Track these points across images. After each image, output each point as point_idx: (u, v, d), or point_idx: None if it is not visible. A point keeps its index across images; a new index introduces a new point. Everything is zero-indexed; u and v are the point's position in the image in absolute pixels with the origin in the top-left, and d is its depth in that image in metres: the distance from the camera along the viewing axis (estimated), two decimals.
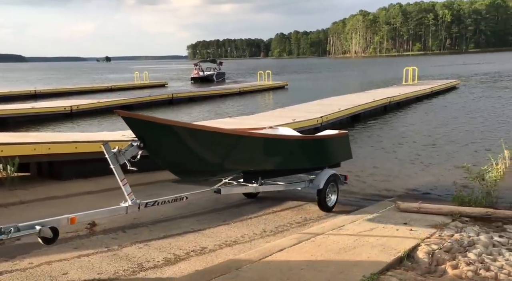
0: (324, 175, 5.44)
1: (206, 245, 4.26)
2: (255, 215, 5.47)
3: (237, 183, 5.20)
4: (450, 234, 4.40)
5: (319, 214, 5.64)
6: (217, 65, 44.69)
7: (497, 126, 12.22)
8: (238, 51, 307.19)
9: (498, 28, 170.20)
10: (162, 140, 3.79)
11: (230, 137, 4.41)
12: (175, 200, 4.23)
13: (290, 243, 3.98)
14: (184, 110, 19.84)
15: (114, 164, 3.70)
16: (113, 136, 8.19)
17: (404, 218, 5.04)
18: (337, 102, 15.57)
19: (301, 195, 6.74)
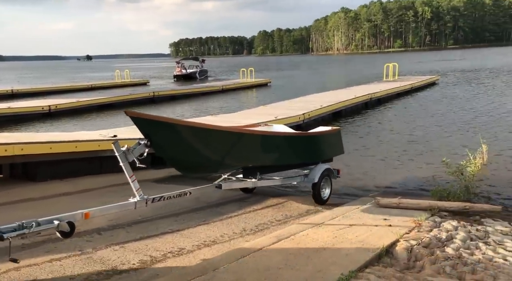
0: (318, 169, 5.66)
1: (184, 245, 4.18)
2: (235, 214, 5.40)
3: (236, 179, 5.36)
4: (428, 229, 4.41)
5: (300, 211, 5.61)
6: (200, 63, 44.58)
7: (475, 121, 12.41)
8: (221, 48, 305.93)
9: (476, 25, 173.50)
10: (167, 138, 3.97)
11: (231, 135, 4.61)
12: (179, 195, 4.42)
13: (269, 242, 3.93)
14: (166, 109, 19.60)
15: (124, 161, 3.89)
16: (90, 135, 8.01)
17: (384, 214, 5.05)
18: (319, 99, 15.60)
19: (281, 192, 6.72)
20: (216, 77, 44.06)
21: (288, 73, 49.99)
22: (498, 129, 11.13)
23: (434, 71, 33.96)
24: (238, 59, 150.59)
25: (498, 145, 9.21)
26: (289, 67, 67.56)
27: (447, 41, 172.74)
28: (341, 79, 34.78)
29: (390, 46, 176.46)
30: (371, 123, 13.17)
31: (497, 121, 12.25)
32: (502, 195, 6.15)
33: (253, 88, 29.16)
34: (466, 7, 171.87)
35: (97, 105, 19.25)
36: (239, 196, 6.32)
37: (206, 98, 23.49)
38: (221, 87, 27.27)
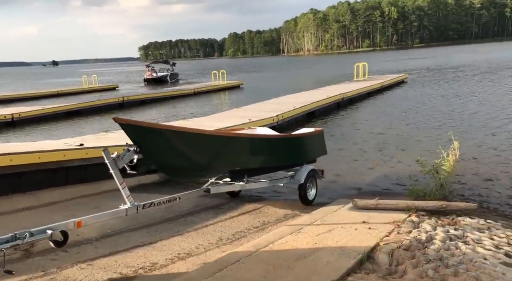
0: (304, 170, 5.74)
1: (156, 260, 3.94)
2: (210, 223, 5.20)
3: (224, 183, 5.41)
4: (408, 230, 4.35)
5: (277, 216, 5.46)
6: (170, 66, 44.01)
7: (445, 118, 12.64)
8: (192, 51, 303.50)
9: (440, 24, 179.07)
10: (156, 143, 4.00)
11: (220, 138, 4.67)
12: (169, 200, 4.48)
13: (247, 253, 3.75)
14: (136, 114, 19.09)
15: (114, 168, 3.89)
16: (55, 144, 7.61)
17: (362, 216, 4.96)
18: (292, 100, 15.57)
19: (258, 197, 6.56)
20: (187, 80, 43.57)
21: (260, 74, 50.01)
22: (466, 124, 11.37)
23: (402, 70, 34.70)
24: (209, 62, 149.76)
25: (468, 140, 9.37)
26: (261, 68, 67.63)
27: (413, 40, 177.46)
28: (313, 80, 35.00)
29: (359, 46, 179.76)
30: (344, 123, 13.21)
31: (465, 117, 12.52)
32: (476, 192, 6.21)
33: (225, 90, 28.94)
34: (430, 7, 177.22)
35: (64, 112, 18.56)
36: (214, 203, 6.11)
37: (177, 102, 23.09)
38: (193, 90, 26.91)
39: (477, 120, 11.92)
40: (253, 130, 6.60)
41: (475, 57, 48.42)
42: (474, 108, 13.94)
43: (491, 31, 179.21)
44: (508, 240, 4.32)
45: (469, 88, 19.91)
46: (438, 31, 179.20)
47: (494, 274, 3.39)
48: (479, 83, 21.50)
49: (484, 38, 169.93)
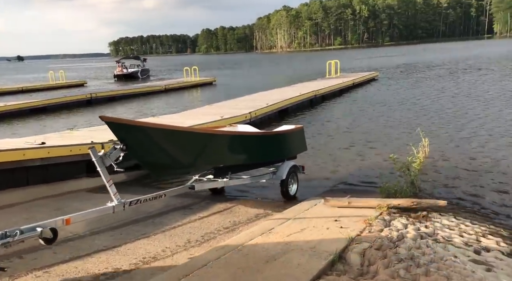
0: (285, 166, 5.90)
1: (120, 265, 3.74)
2: (179, 224, 5.01)
3: (207, 179, 5.44)
4: (379, 229, 4.31)
5: (248, 216, 5.34)
6: (141, 62, 43.33)
7: (415, 115, 12.84)
8: (164, 47, 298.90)
9: (409, 22, 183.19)
10: (142, 141, 4.06)
11: (204, 136, 4.77)
12: (155, 197, 4.57)
13: (215, 256, 3.60)
14: (104, 111, 18.52)
15: (101, 166, 3.93)
16: (15, 143, 7.21)
17: (334, 214, 4.90)
18: (265, 97, 15.48)
19: (229, 197, 6.41)
20: (158, 77, 42.82)
21: (234, 71, 49.73)
22: (435, 121, 11.56)
23: (373, 68, 35.23)
24: (181, 58, 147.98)
25: (437, 137, 9.51)
26: (234, 65, 67.30)
27: (384, 38, 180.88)
28: (285, 77, 35.05)
29: (331, 44, 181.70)
30: (317, 120, 13.21)
31: (434, 113, 12.75)
32: (445, 188, 6.27)
33: (197, 87, 28.56)
34: (400, 6, 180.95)
35: (28, 109, 17.81)
36: (185, 203, 5.93)
37: (148, 99, 22.59)
38: (164, 86, 26.40)
39: (444, 117, 12.15)
40: (235, 127, 6.70)
41: (442, 56, 49.77)
42: (441, 105, 14.23)
43: (458, 30, 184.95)
44: (477, 237, 4.36)
45: (437, 85, 20.37)
46: (407, 29, 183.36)
47: (464, 272, 3.37)
48: (446, 81, 22.04)
49: (451, 36, 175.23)
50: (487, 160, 7.66)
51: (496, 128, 10.27)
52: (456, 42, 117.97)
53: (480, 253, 3.94)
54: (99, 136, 8.30)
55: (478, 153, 8.16)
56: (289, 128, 6.47)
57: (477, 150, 8.40)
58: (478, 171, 7.00)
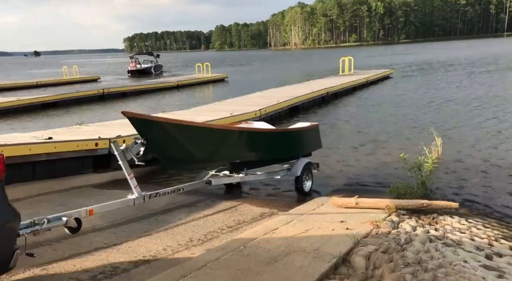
0: (300, 163, 5.93)
1: (119, 264, 3.68)
2: (182, 222, 4.94)
3: (223, 175, 5.59)
4: (387, 231, 4.16)
5: (253, 215, 5.23)
6: (154, 57, 43.50)
7: (429, 114, 12.57)
8: (178, 43, 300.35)
9: (426, 20, 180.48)
10: (162, 136, 4.21)
11: (221, 132, 4.88)
12: (173, 191, 4.82)
13: (215, 256, 3.51)
14: (116, 106, 18.60)
15: (122, 160, 4.15)
16: (22, 138, 7.23)
17: (341, 215, 4.77)
18: (276, 94, 15.34)
19: (235, 195, 6.32)
20: (171, 73, 42.96)
21: (246, 68, 49.62)
22: (450, 120, 11.28)
23: (388, 65, 34.75)
24: (195, 54, 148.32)
25: (451, 137, 9.28)
26: (247, 62, 67.19)
27: (400, 35, 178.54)
28: (298, 74, 34.82)
29: (346, 41, 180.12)
30: (328, 118, 13.03)
31: (449, 112, 12.46)
32: (457, 190, 6.08)
33: (209, 83, 28.52)
34: (417, 3, 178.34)
35: (40, 104, 17.98)
36: (189, 200, 5.85)
37: (160, 95, 22.63)
38: (176, 83, 26.43)
39: (459, 117, 11.86)
40: (250, 124, 6.76)
41: (459, 54, 48.83)
42: (457, 105, 13.91)
43: (476, 28, 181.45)
44: (489, 241, 4.18)
45: (452, 84, 19.95)
46: (424, 27, 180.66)
47: (474, 279, 3.21)
48: (462, 79, 21.57)
49: (469, 34, 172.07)
50: (501, 162, 7.42)
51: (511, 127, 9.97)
52: (474, 40, 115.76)
53: (492, 259, 3.77)
54: (107, 131, 8.28)
55: (492, 154, 7.92)
56: (305, 125, 6.50)
57: (491, 151, 8.15)
58: (491, 173, 6.77)
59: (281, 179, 7.04)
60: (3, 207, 2.64)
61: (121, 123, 10.34)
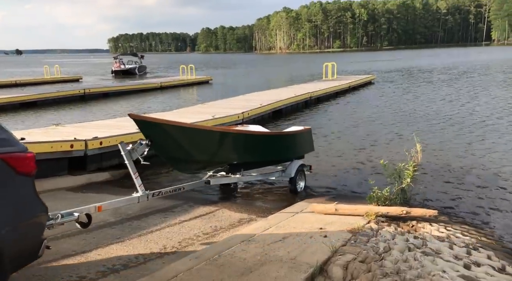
0: (294, 165, 6.21)
1: (86, 273, 3.49)
2: (157, 228, 4.77)
3: (221, 175, 5.87)
4: (366, 239, 4.09)
5: (231, 221, 5.11)
6: (139, 58, 43.26)
7: (409, 120, 12.65)
8: (163, 45, 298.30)
9: (408, 27, 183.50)
10: (167, 138, 4.45)
11: (221, 134, 5.12)
12: (175, 190, 5.05)
13: (188, 266, 3.37)
14: (96, 107, 18.25)
15: (129, 160, 4.40)
16: None
17: (320, 222, 4.69)
18: (260, 98, 15.26)
19: (213, 200, 6.19)
20: (155, 74, 42.56)
21: (231, 71, 49.51)
22: (430, 126, 11.37)
23: (370, 71, 35.10)
24: (180, 56, 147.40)
25: (430, 143, 9.32)
26: (232, 65, 67.09)
27: (382, 42, 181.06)
28: (282, 78, 34.88)
29: (330, 46, 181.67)
30: (311, 123, 12.95)
31: (429, 119, 12.57)
32: (437, 197, 6.07)
33: (193, 85, 28.29)
34: (399, 10, 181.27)
35: (19, 103, 17.51)
36: (165, 205, 5.70)
37: (142, 96, 22.31)
38: (159, 84, 26.13)
39: (439, 123, 11.97)
40: (246, 127, 7.07)
41: (439, 61, 49.72)
42: (437, 110, 14.05)
43: (456, 36, 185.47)
44: (468, 249, 4.14)
45: (432, 90, 20.22)
46: (406, 34, 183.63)
47: None
48: (441, 86, 21.89)
49: (450, 42, 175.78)
50: (480, 170, 7.46)
51: (489, 134, 10.09)
52: (454, 48, 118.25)
53: (470, 268, 3.72)
54: (84, 133, 8.05)
55: (472, 161, 7.97)
56: (298, 129, 6.81)
57: (470, 158, 8.21)
58: (469, 180, 6.79)
59: (261, 184, 6.95)
60: (35, 201, 2.83)
61: (99, 124, 10.11)
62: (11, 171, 2.66)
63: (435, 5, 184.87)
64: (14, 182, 2.67)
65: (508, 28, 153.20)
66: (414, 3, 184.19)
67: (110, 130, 8.61)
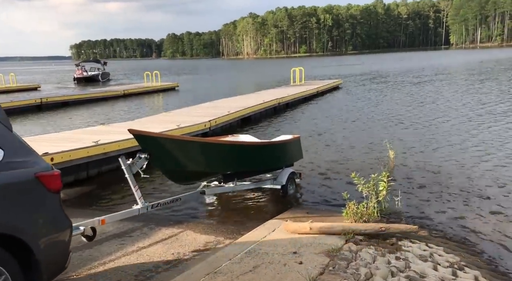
0: (285, 173, 6.38)
1: None
2: (111, 258, 4.22)
3: (215, 185, 6.08)
4: (345, 264, 3.70)
5: (196, 246, 4.62)
6: (102, 65, 42.11)
7: (380, 124, 12.52)
8: (128, 51, 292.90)
9: (371, 32, 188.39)
10: (164, 151, 4.62)
11: (216, 146, 5.31)
12: (172, 201, 5.22)
13: None
14: (54, 118, 17.20)
15: (129, 173, 4.54)
16: None
17: (294, 244, 4.28)
18: (227, 104, 14.81)
19: (177, 219, 5.65)
20: (119, 81, 41.30)
21: (198, 77, 48.80)
22: (401, 131, 11.24)
23: (337, 75, 35.37)
24: (146, 62, 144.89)
25: (403, 148, 9.13)
26: (200, 71, 66.32)
27: (347, 47, 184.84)
28: (250, 83, 34.57)
29: (296, 51, 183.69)
30: (280, 130, 12.63)
31: (399, 121, 12.48)
32: (414, 208, 5.78)
33: (159, 92, 27.46)
34: (363, 15, 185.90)
35: None
36: (122, 229, 5.15)
37: (104, 104, 21.36)
38: (123, 91, 25.16)
39: (411, 125, 11.89)
40: (236, 137, 7.28)
41: (402, 65, 50.95)
42: (407, 113, 14.04)
43: (417, 41, 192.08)
44: (453, 270, 3.83)
45: (398, 93, 20.41)
46: (370, 39, 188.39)
47: None
48: (405, 89, 22.17)
49: (411, 46, 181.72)
50: (454, 176, 7.29)
51: (460, 136, 10.05)
52: (415, 52, 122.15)
53: None
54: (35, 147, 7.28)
55: (445, 169, 7.80)
56: (288, 138, 7.08)
57: (444, 165, 8.03)
58: (445, 190, 6.55)
59: (231, 198, 6.49)
60: (63, 216, 3.04)
61: (53, 137, 9.34)
62: (44, 189, 2.89)
63: (396, 10, 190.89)
64: (46, 199, 2.90)
65: (465, 32, 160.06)
66: (377, 8, 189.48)
67: (64, 144, 7.92)
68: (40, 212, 2.82)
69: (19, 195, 2.74)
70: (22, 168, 2.85)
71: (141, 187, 5.32)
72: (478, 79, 26.77)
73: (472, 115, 13.30)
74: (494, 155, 8.47)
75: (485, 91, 19.87)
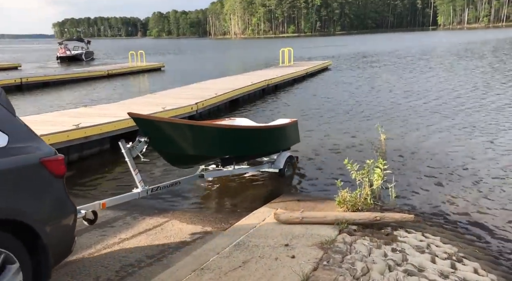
0: (283, 157, 6.42)
1: None
2: (91, 252, 3.96)
3: (213, 169, 6.14)
4: (340, 258, 3.50)
5: (182, 237, 4.37)
6: (85, 44, 41.08)
7: (370, 106, 12.31)
8: (113, 30, 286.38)
9: (360, 12, 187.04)
10: (163, 135, 4.63)
11: (215, 130, 5.28)
12: (172, 184, 5.22)
13: None
14: (34, 99, 16.59)
15: (129, 157, 4.59)
16: None
17: (285, 236, 4.06)
18: (215, 86, 14.42)
19: (162, 209, 5.39)
20: (103, 60, 40.24)
21: (184, 57, 47.87)
22: (391, 112, 11.06)
23: (326, 56, 34.97)
24: (131, 41, 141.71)
25: (395, 132, 8.95)
26: (186, 50, 65.09)
27: (335, 27, 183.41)
28: (238, 64, 33.99)
29: (284, 31, 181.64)
30: (269, 113, 12.34)
31: (390, 104, 12.29)
32: (408, 194, 5.61)
33: (144, 73, 26.80)
34: None
35: None
36: (104, 218, 4.86)
37: (87, 85, 20.70)
38: (107, 72, 24.45)
39: (401, 109, 11.70)
40: (233, 120, 7.20)
41: (392, 45, 50.69)
42: (397, 95, 13.85)
43: (405, 21, 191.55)
44: (451, 262, 3.67)
45: (387, 75, 20.21)
46: (358, 19, 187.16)
47: None
48: (396, 71, 21.98)
49: (399, 27, 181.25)
50: (447, 161, 7.14)
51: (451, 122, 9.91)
52: (403, 33, 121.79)
53: None
54: None
55: (438, 153, 7.64)
56: (285, 121, 7.00)
57: (436, 149, 7.88)
58: (438, 175, 6.40)
59: (220, 183, 6.26)
60: (68, 201, 3.05)
61: (31, 120, 8.89)
62: (49, 174, 2.90)
63: None
64: (51, 184, 2.91)
65: (453, 13, 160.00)
66: None
67: (43, 127, 7.54)
68: (45, 197, 2.85)
69: (25, 180, 2.73)
70: (27, 153, 2.81)
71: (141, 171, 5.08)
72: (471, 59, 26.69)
73: (464, 96, 13.17)
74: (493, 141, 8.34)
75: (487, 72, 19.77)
